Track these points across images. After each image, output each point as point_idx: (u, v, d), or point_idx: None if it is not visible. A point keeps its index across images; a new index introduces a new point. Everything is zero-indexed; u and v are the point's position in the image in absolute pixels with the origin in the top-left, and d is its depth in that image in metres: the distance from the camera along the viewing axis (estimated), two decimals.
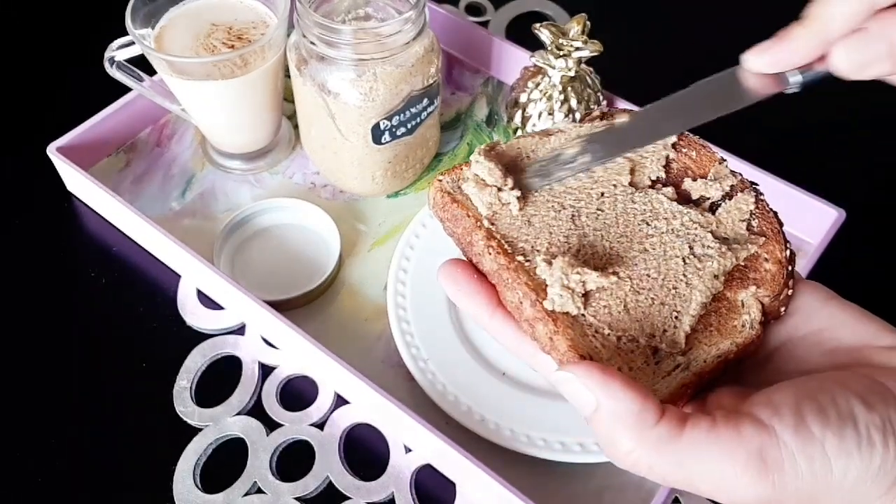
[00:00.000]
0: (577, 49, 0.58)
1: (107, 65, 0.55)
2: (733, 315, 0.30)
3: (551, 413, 0.48)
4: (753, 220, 0.32)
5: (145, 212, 0.54)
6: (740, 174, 0.34)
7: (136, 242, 0.58)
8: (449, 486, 0.47)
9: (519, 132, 0.62)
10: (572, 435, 0.47)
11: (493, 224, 0.30)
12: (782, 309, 0.30)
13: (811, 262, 0.53)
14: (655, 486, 0.46)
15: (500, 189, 0.30)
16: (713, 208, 0.32)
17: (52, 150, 0.57)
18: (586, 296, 0.28)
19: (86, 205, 0.60)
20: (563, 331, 0.27)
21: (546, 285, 0.28)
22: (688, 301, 0.29)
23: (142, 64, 0.55)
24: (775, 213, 0.33)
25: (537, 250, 0.29)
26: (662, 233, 0.31)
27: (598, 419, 0.26)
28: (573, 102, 0.60)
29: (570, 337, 0.27)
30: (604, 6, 0.68)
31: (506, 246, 0.29)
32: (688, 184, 0.33)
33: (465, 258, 0.31)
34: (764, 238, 0.31)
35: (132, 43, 0.54)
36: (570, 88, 0.59)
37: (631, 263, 0.30)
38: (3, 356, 0.52)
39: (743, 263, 0.31)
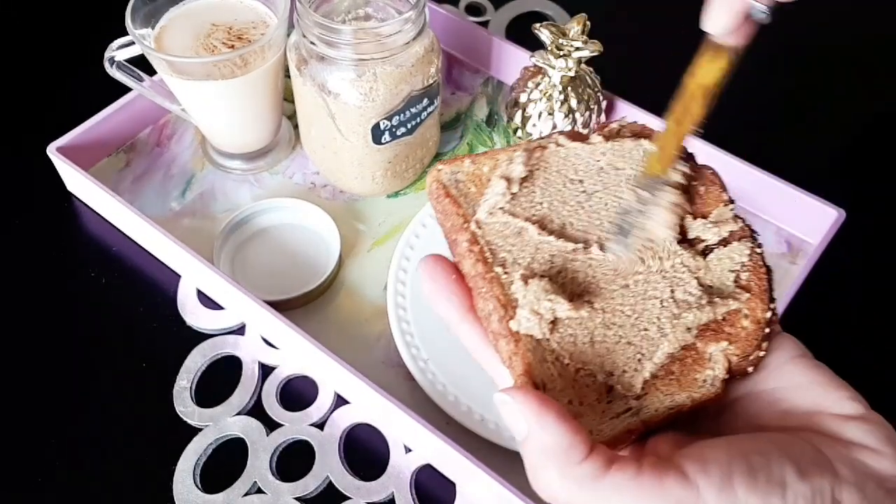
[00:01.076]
0: (577, 49, 0.58)
1: (107, 65, 0.55)
2: (697, 367, 0.29)
3: None
4: (743, 272, 0.30)
5: (145, 212, 0.54)
6: (743, 221, 0.31)
7: (136, 242, 0.58)
8: (449, 487, 0.47)
9: (519, 132, 0.62)
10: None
11: (480, 228, 0.29)
12: (750, 368, 0.29)
13: (811, 263, 0.53)
14: None
15: (510, 201, 0.30)
16: (706, 251, 0.31)
17: (52, 150, 0.57)
18: (554, 322, 0.28)
19: (86, 205, 0.60)
20: (522, 353, 0.27)
21: (516, 304, 0.28)
22: (655, 347, 0.28)
23: (142, 64, 0.55)
24: (768, 269, 0.31)
25: (518, 263, 0.29)
26: (650, 271, 0.29)
27: (526, 447, 0.26)
28: (573, 102, 0.60)
29: (527, 361, 0.27)
30: (604, 6, 0.68)
31: (487, 254, 0.29)
32: (687, 221, 0.31)
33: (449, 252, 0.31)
34: (749, 294, 0.30)
35: (132, 43, 0.54)
36: (570, 88, 0.59)
37: (608, 296, 0.29)
38: (3, 356, 0.52)
39: (720, 317, 0.29)
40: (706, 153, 0.58)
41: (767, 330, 0.29)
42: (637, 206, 0.29)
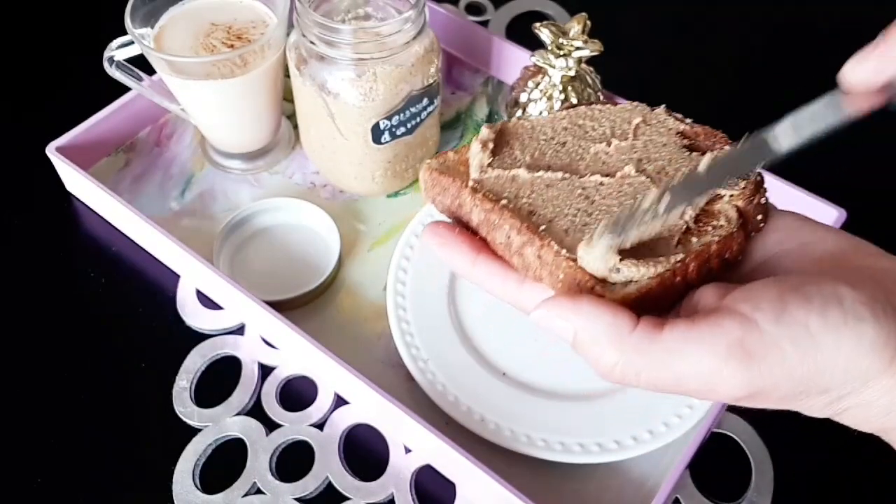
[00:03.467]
0: (578, 48, 0.58)
1: (106, 64, 0.55)
2: (712, 220, 0.31)
3: (551, 413, 0.48)
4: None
5: (144, 212, 0.54)
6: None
7: (135, 242, 0.58)
8: (449, 487, 0.47)
9: None
10: (572, 435, 0.47)
11: (478, 184, 0.32)
12: (759, 217, 0.31)
13: None
14: (656, 486, 0.46)
15: (490, 156, 0.33)
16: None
17: (51, 150, 0.57)
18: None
19: (85, 205, 0.60)
20: (548, 244, 0.29)
21: (531, 215, 0.31)
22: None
23: (141, 63, 0.55)
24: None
25: (519, 197, 0.32)
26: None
27: (579, 345, 0.27)
28: (573, 102, 0.59)
29: (557, 244, 0.29)
30: (604, 5, 0.68)
31: (490, 195, 0.32)
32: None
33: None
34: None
35: (131, 42, 0.54)
36: (570, 88, 0.59)
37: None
38: (3, 357, 0.52)
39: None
40: None
41: (759, 178, 0.31)
42: (650, 211, 0.29)
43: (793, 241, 0.30)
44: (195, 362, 0.52)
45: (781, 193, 0.57)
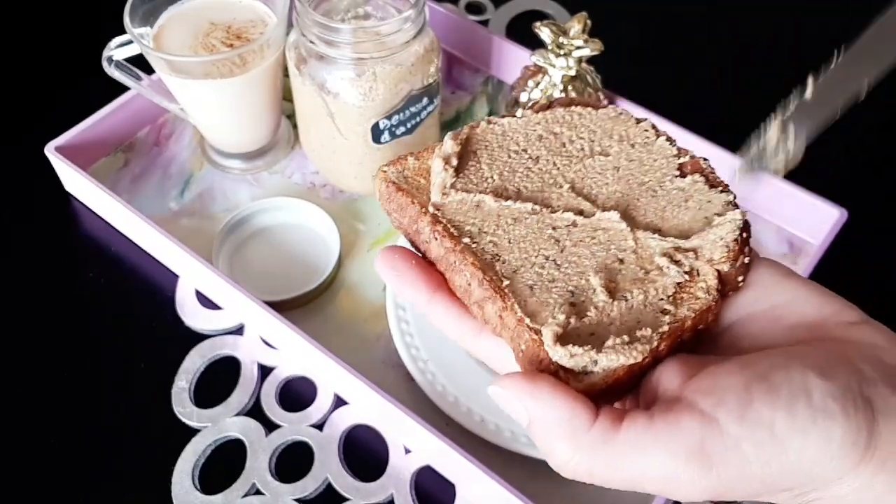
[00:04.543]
0: (578, 48, 0.58)
1: (105, 64, 0.55)
2: (689, 285, 0.28)
3: None
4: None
5: (144, 211, 0.54)
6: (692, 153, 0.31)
7: (134, 243, 0.57)
8: (449, 488, 0.47)
9: None
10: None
11: (438, 210, 0.29)
12: (740, 279, 0.28)
13: (813, 262, 0.53)
14: None
15: (454, 176, 0.30)
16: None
17: (50, 150, 0.56)
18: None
19: (84, 205, 0.60)
20: (510, 307, 0.27)
21: (495, 261, 0.28)
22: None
23: (140, 63, 0.55)
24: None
25: (484, 232, 0.29)
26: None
27: (533, 430, 0.25)
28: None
29: (522, 310, 0.27)
30: (605, 5, 0.68)
31: (451, 229, 0.29)
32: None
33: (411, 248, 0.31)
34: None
35: (130, 42, 0.53)
36: (570, 87, 0.59)
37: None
38: (2, 357, 0.52)
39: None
40: (707, 152, 0.57)
41: (745, 234, 0.29)
42: (780, 145, 0.27)
43: (768, 301, 0.28)
44: (194, 363, 0.51)
45: (782, 193, 0.57)
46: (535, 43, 0.61)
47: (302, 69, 0.52)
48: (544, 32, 0.58)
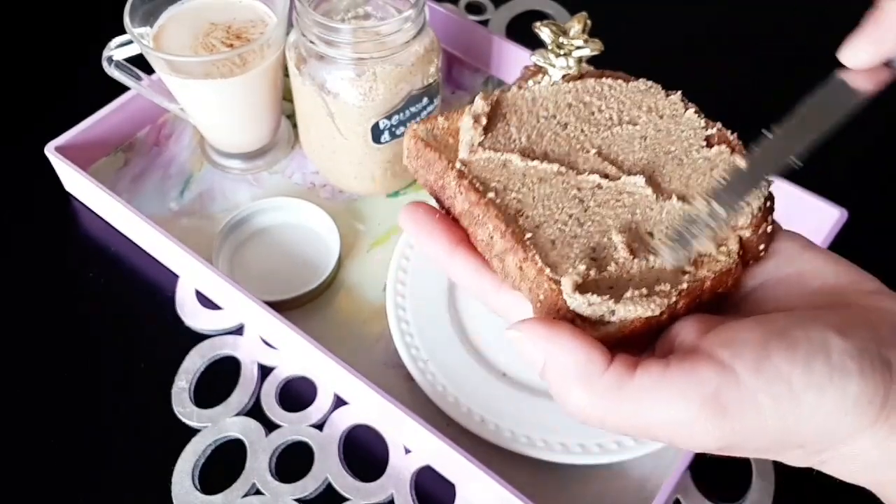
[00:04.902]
0: (578, 48, 0.57)
1: (105, 64, 0.55)
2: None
3: (552, 414, 0.48)
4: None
5: (143, 211, 0.54)
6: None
7: (134, 243, 0.57)
8: (449, 488, 0.47)
9: None
10: (573, 436, 0.46)
11: (465, 166, 0.30)
12: (761, 247, 0.29)
13: None
14: (656, 487, 0.46)
15: (482, 134, 0.30)
16: None
17: (49, 150, 0.56)
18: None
19: (84, 205, 0.60)
20: (531, 258, 0.27)
21: (518, 216, 0.28)
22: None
23: (140, 63, 0.55)
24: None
25: (509, 189, 0.29)
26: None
27: (547, 374, 0.26)
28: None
29: (543, 260, 0.27)
30: (605, 4, 0.68)
31: (477, 184, 0.29)
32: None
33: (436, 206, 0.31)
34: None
35: (130, 42, 0.53)
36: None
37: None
38: (2, 358, 0.52)
39: None
40: None
41: (769, 203, 0.29)
42: (707, 219, 0.28)
43: (790, 268, 0.28)
44: (194, 363, 0.51)
45: (783, 193, 0.57)
46: (535, 43, 0.60)
47: (302, 69, 0.52)
48: (544, 32, 0.58)
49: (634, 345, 0.27)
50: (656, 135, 0.31)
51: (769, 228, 0.29)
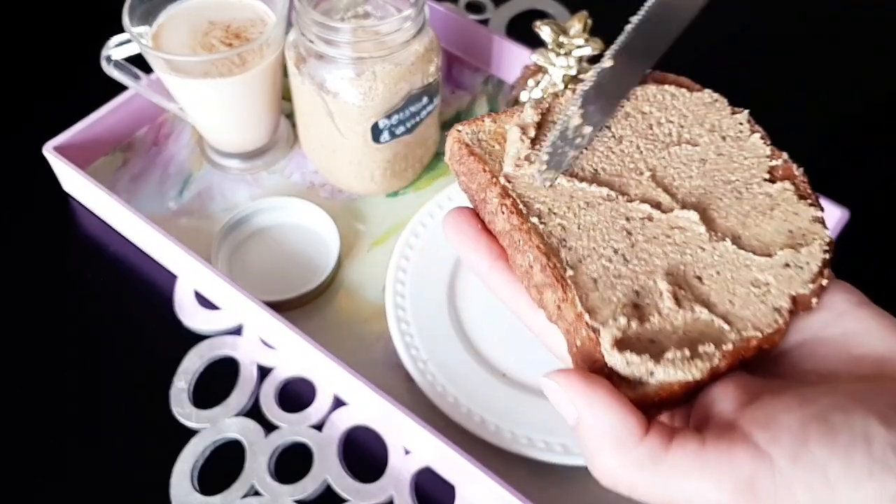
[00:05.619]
0: (579, 47, 0.57)
1: (104, 63, 0.55)
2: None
3: (552, 415, 0.47)
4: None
5: (142, 211, 0.54)
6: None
7: (132, 243, 0.57)
8: (449, 489, 0.47)
9: None
10: (573, 437, 0.46)
11: (509, 182, 0.28)
12: (814, 300, 0.27)
13: None
14: None
15: (530, 147, 0.28)
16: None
17: (48, 150, 0.56)
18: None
19: (82, 205, 0.59)
20: (571, 300, 0.25)
21: (561, 246, 0.27)
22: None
23: (139, 62, 0.55)
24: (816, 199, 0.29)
25: (554, 213, 0.27)
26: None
27: (579, 432, 0.25)
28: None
29: (582, 305, 0.26)
30: (605, 4, 0.68)
31: (520, 206, 0.27)
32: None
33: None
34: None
35: (129, 41, 0.53)
36: (570, 87, 0.59)
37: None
38: (1, 358, 0.52)
39: None
40: None
41: (828, 256, 0.27)
42: (579, 131, 0.28)
43: (838, 327, 0.27)
44: (193, 363, 0.51)
45: None
46: (535, 42, 0.60)
47: (301, 68, 0.52)
48: (544, 32, 0.58)
49: (670, 404, 0.26)
50: (717, 159, 0.29)
51: (824, 282, 0.27)
